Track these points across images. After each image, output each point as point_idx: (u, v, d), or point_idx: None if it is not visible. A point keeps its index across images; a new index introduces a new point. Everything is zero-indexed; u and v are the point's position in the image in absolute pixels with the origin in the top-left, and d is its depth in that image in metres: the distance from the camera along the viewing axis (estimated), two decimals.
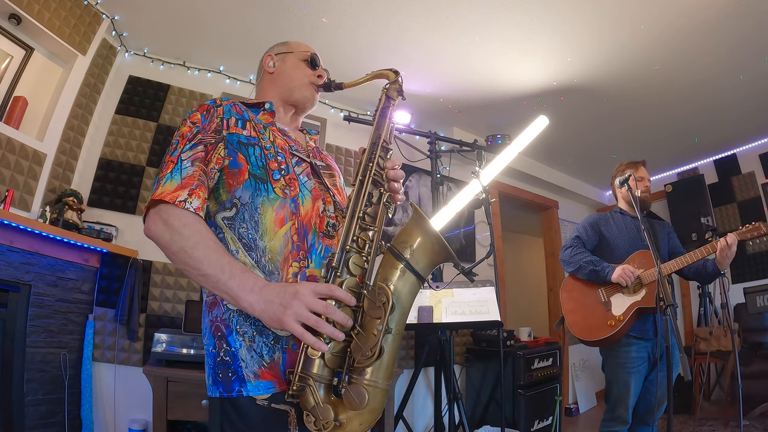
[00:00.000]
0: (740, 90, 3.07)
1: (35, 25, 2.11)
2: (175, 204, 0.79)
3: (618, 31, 2.52)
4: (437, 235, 0.82)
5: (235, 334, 0.83)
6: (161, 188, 0.80)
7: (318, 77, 1.10)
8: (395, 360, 0.80)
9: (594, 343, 2.06)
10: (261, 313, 0.76)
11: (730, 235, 1.86)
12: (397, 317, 0.79)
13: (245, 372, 0.81)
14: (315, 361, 0.75)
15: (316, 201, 0.94)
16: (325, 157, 1.12)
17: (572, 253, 2.16)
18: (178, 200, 0.79)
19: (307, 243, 0.89)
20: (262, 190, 0.88)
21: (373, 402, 0.75)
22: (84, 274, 2.23)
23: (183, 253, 0.78)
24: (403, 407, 2.58)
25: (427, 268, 0.83)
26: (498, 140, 3.14)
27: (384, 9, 2.36)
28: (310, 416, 0.74)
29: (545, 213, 4.80)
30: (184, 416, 1.88)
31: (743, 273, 3.92)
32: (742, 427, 2.21)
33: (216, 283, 0.77)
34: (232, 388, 0.81)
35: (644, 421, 1.99)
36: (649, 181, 2.30)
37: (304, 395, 0.75)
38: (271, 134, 0.96)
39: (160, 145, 2.65)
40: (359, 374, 0.75)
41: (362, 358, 0.75)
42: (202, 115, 0.91)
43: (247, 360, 0.82)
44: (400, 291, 0.79)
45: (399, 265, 0.81)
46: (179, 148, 0.86)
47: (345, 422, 0.74)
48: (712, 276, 2.04)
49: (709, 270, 2.01)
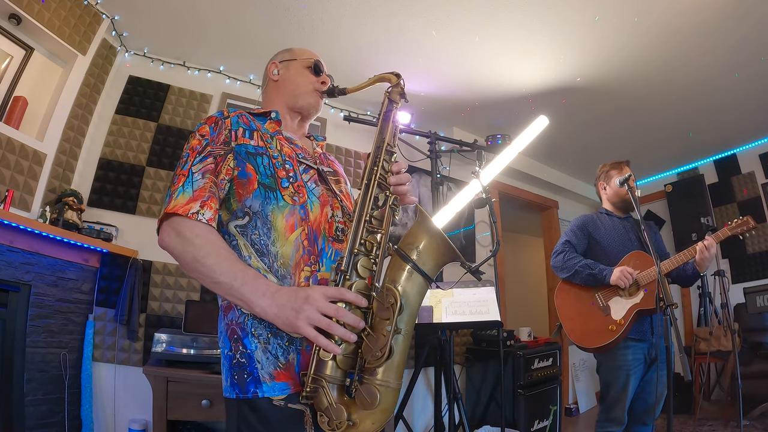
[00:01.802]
0: (740, 90, 3.07)
1: (35, 25, 2.11)
2: (188, 216, 0.82)
3: (618, 31, 2.52)
4: (442, 236, 0.83)
5: (250, 336, 0.85)
6: (174, 202, 0.83)
7: (322, 84, 1.11)
8: (405, 360, 0.81)
9: (595, 350, 2.01)
10: (274, 318, 0.78)
11: (708, 238, 1.86)
12: (406, 318, 0.80)
13: (261, 373, 0.82)
14: (327, 363, 0.77)
15: (324, 207, 0.95)
16: (332, 163, 1.13)
17: (565, 258, 2.11)
18: (190, 212, 0.82)
19: (317, 248, 0.90)
20: (272, 198, 0.90)
21: (385, 401, 0.76)
22: (84, 274, 2.23)
23: (196, 263, 0.80)
24: (403, 407, 2.58)
25: (434, 268, 0.84)
26: (498, 140, 3.14)
27: (384, 9, 2.36)
28: (324, 417, 0.75)
29: (545, 213, 4.80)
30: (184, 416, 1.88)
31: (743, 273, 3.93)
32: (742, 427, 2.21)
33: (229, 290, 0.79)
34: (247, 389, 0.82)
35: (642, 422, 1.98)
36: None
37: (317, 396, 0.76)
38: (278, 143, 0.98)
39: (160, 145, 2.65)
40: (371, 374, 0.77)
41: (372, 358, 0.77)
42: (211, 128, 0.93)
43: (263, 362, 0.83)
44: (408, 292, 0.81)
45: (406, 266, 0.82)
46: (190, 161, 0.88)
47: (358, 422, 0.76)
48: (692, 278, 2.03)
49: (688, 272, 2.00)
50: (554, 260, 2.17)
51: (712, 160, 4.29)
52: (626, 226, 2.17)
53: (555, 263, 2.16)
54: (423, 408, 3.09)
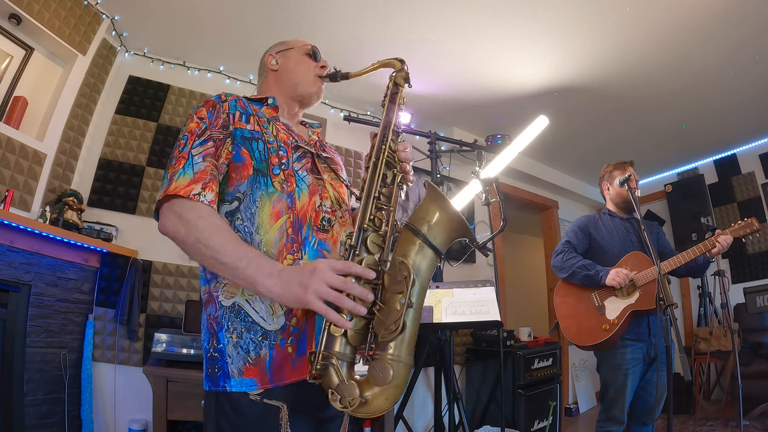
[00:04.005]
0: (740, 90, 3.07)
1: (35, 25, 2.11)
2: (189, 197, 0.81)
3: (618, 32, 2.51)
4: (454, 211, 0.83)
5: (225, 330, 0.85)
6: (174, 183, 0.82)
7: (321, 68, 1.12)
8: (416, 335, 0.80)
9: (589, 348, 2.05)
10: (280, 296, 0.77)
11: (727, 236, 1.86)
12: (417, 291, 0.79)
13: (230, 368, 0.82)
14: (337, 339, 0.76)
15: (312, 196, 0.94)
16: (328, 149, 1.13)
17: (564, 258, 2.13)
18: (192, 194, 0.81)
19: (301, 236, 0.90)
20: (262, 184, 0.90)
21: (398, 377, 0.75)
22: (84, 274, 2.23)
23: (199, 244, 0.79)
24: (403, 407, 2.58)
25: (445, 243, 0.84)
26: (498, 140, 3.14)
27: (384, 9, 2.36)
28: (335, 394, 0.73)
29: (545, 213, 4.80)
30: (184, 416, 1.88)
31: (743, 273, 3.92)
32: (742, 427, 2.21)
33: (234, 270, 0.78)
34: (218, 383, 0.83)
35: (642, 422, 1.99)
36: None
37: (327, 374, 0.75)
38: (274, 128, 0.98)
39: (160, 145, 2.65)
40: (382, 350, 0.76)
41: (386, 332, 0.75)
42: (209, 111, 0.93)
43: (233, 356, 0.83)
44: (419, 265, 0.80)
45: (417, 240, 0.81)
46: (189, 144, 0.87)
47: (371, 398, 0.73)
48: (703, 267, 2.03)
49: (699, 262, 1.99)
50: (554, 260, 2.19)
51: (712, 160, 4.29)
52: (628, 227, 2.17)
53: (554, 263, 2.19)
54: (423, 408, 3.09)
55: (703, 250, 1.89)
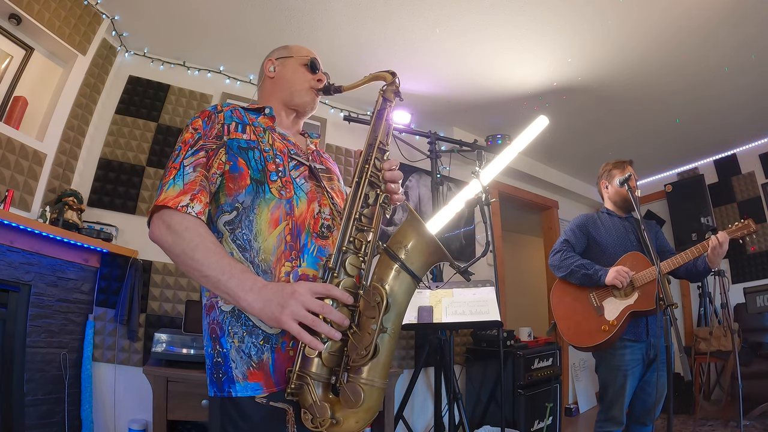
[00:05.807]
0: (740, 90, 3.06)
1: (35, 25, 2.11)
2: (177, 209, 0.82)
3: (618, 32, 2.51)
4: (431, 236, 0.83)
5: (226, 335, 0.85)
6: (164, 194, 0.83)
7: (317, 81, 1.11)
8: (391, 360, 0.81)
9: (588, 349, 2.03)
10: (259, 312, 0.77)
11: (721, 234, 1.86)
12: (392, 317, 0.80)
13: (235, 373, 0.83)
14: (313, 360, 0.76)
15: (311, 203, 0.95)
16: (326, 161, 1.13)
17: (562, 257, 2.11)
18: (180, 205, 0.82)
19: (299, 243, 0.90)
20: (260, 192, 0.90)
21: (369, 400, 0.76)
22: (84, 274, 2.23)
23: (185, 256, 0.81)
24: (403, 407, 2.58)
25: (423, 268, 0.84)
26: (498, 140, 3.14)
27: (384, 9, 2.36)
28: (308, 414, 0.75)
29: (545, 213, 4.80)
30: (184, 416, 1.88)
31: (743, 273, 3.92)
32: (742, 427, 2.21)
33: (216, 283, 0.79)
34: (223, 388, 0.83)
35: (641, 422, 1.98)
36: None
37: (302, 393, 0.76)
38: (270, 137, 0.98)
39: (160, 145, 2.65)
40: (356, 373, 0.77)
41: (357, 357, 0.76)
42: (204, 122, 0.93)
43: (237, 361, 0.84)
44: (395, 291, 0.80)
45: (394, 265, 0.81)
46: (182, 155, 0.88)
47: (342, 420, 0.75)
48: (702, 274, 2.01)
49: (699, 268, 1.98)
50: (552, 259, 2.17)
51: (712, 160, 4.29)
52: (627, 226, 2.17)
53: (552, 262, 2.17)
54: (423, 408, 3.09)
55: (702, 250, 1.89)
